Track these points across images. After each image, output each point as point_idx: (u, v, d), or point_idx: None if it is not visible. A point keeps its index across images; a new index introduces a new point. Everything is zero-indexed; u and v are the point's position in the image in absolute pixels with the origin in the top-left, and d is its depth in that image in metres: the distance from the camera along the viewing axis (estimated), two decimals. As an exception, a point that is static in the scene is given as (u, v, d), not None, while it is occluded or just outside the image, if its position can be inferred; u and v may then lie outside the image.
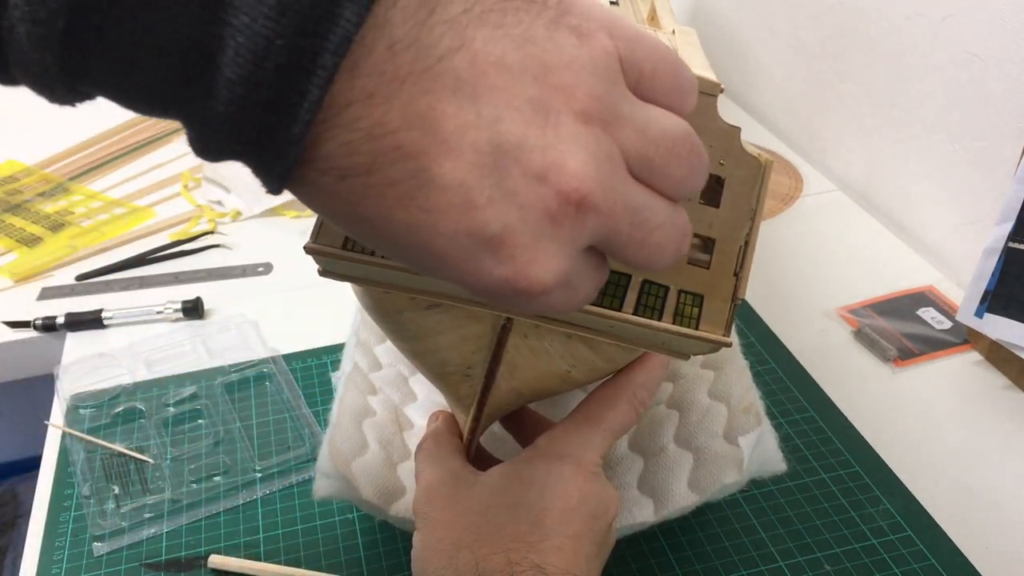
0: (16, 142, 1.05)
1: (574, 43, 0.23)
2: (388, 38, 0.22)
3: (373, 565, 0.53)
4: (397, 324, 0.42)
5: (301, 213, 0.89)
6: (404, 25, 0.22)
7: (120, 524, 0.56)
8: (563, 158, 0.23)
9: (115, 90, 0.23)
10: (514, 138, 0.23)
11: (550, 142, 0.23)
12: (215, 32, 0.21)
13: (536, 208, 0.23)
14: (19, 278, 0.81)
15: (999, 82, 0.70)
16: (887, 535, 0.54)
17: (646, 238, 0.26)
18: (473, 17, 0.22)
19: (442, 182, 0.22)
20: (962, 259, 0.78)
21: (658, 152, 0.25)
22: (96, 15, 0.21)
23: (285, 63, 0.21)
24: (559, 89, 0.23)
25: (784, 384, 0.66)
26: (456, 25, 0.22)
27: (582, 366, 0.42)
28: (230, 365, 0.69)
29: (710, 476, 0.48)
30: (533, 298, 0.24)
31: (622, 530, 0.49)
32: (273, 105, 0.21)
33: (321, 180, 0.23)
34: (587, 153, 0.23)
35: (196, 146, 0.24)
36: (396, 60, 0.22)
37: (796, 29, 0.97)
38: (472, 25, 0.22)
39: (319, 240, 0.37)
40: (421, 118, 0.22)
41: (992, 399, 0.65)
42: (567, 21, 0.24)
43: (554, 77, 0.23)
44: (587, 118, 0.23)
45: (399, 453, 0.51)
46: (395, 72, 0.22)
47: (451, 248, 0.23)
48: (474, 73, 0.22)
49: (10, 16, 0.21)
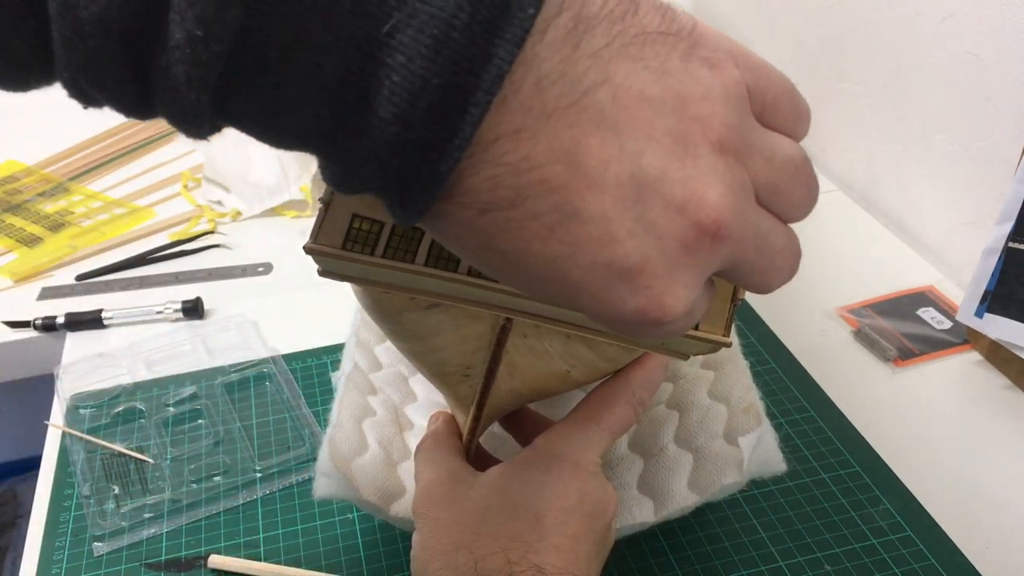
0: (16, 142, 1.05)
1: (707, 74, 0.24)
2: (536, 73, 0.22)
3: (373, 565, 0.53)
4: (397, 324, 0.42)
5: (301, 213, 0.89)
6: (551, 60, 0.22)
7: (120, 524, 0.56)
8: (703, 190, 0.23)
9: (261, 127, 0.24)
10: (655, 171, 0.23)
11: (690, 174, 0.23)
12: (370, 71, 0.21)
13: (674, 239, 0.24)
14: (19, 278, 0.81)
15: (999, 82, 0.70)
16: (887, 535, 0.54)
17: (768, 263, 0.26)
18: (615, 51, 0.23)
19: (585, 215, 0.23)
20: (962, 259, 0.78)
21: (782, 178, 0.26)
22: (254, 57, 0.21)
23: (439, 101, 0.21)
24: (696, 120, 0.23)
25: (784, 384, 0.66)
26: (599, 59, 0.22)
27: (582, 366, 0.42)
28: (230, 365, 0.69)
29: (710, 476, 0.48)
30: (662, 327, 0.25)
31: (622, 530, 0.48)
32: (424, 142, 0.22)
33: (461, 214, 0.23)
34: (724, 184, 0.24)
35: (334, 179, 0.24)
36: (543, 95, 0.22)
37: (796, 29, 0.97)
38: (614, 59, 0.23)
39: (319, 240, 0.37)
40: (566, 152, 0.22)
41: (992, 399, 0.65)
42: (699, 52, 0.24)
43: (691, 108, 0.23)
44: (722, 148, 0.24)
45: (399, 453, 0.51)
46: (542, 107, 0.22)
47: (587, 279, 0.24)
48: (617, 107, 0.23)
49: (169, 57, 0.21)
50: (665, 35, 0.24)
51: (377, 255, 0.37)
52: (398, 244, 0.37)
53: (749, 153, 0.25)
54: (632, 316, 0.24)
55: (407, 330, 0.42)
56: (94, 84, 0.22)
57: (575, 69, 0.22)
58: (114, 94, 0.23)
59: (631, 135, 0.23)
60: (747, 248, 0.25)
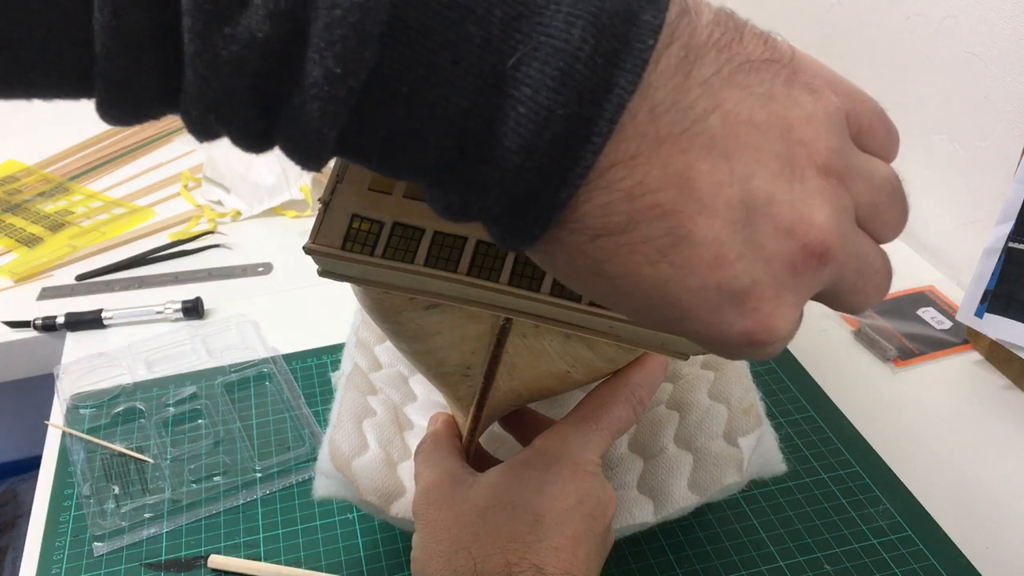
0: (16, 142, 1.05)
1: (809, 99, 0.24)
2: (650, 101, 0.22)
3: (373, 565, 0.53)
4: (396, 324, 0.42)
5: (301, 213, 0.89)
6: (664, 88, 0.22)
7: (120, 524, 0.56)
8: (811, 212, 0.24)
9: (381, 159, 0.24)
10: (764, 194, 0.23)
11: (797, 196, 0.24)
12: (495, 103, 0.22)
13: (782, 261, 0.24)
14: (19, 278, 0.81)
15: (999, 82, 0.70)
16: (887, 535, 0.54)
17: (866, 284, 0.27)
18: (723, 78, 0.23)
19: (696, 239, 0.23)
20: (962, 259, 0.78)
21: (881, 200, 0.26)
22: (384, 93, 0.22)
23: (563, 131, 0.22)
24: (802, 144, 0.24)
25: (784, 384, 0.66)
26: (709, 87, 0.23)
27: (581, 366, 0.42)
28: (230, 365, 0.69)
29: (710, 477, 0.48)
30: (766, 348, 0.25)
31: (622, 530, 0.48)
32: (547, 171, 0.22)
33: (572, 240, 0.23)
34: (830, 207, 0.24)
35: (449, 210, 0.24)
36: (657, 123, 0.22)
37: (796, 29, 0.97)
38: (723, 86, 0.23)
39: (318, 240, 0.37)
40: (679, 177, 0.23)
41: (992, 399, 0.65)
42: (800, 78, 0.25)
43: (796, 133, 0.24)
44: (827, 172, 0.24)
45: (399, 453, 0.51)
46: (656, 134, 0.22)
47: (696, 302, 0.24)
48: (727, 132, 0.23)
49: (304, 94, 0.22)
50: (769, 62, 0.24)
51: (376, 255, 0.37)
52: (397, 244, 0.37)
53: (851, 176, 0.25)
54: (738, 338, 0.25)
55: (406, 330, 0.42)
56: (222, 121, 0.23)
57: (687, 97, 0.23)
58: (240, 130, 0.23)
59: (741, 159, 0.23)
60: (848, 269, 0.26)
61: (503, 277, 0.37)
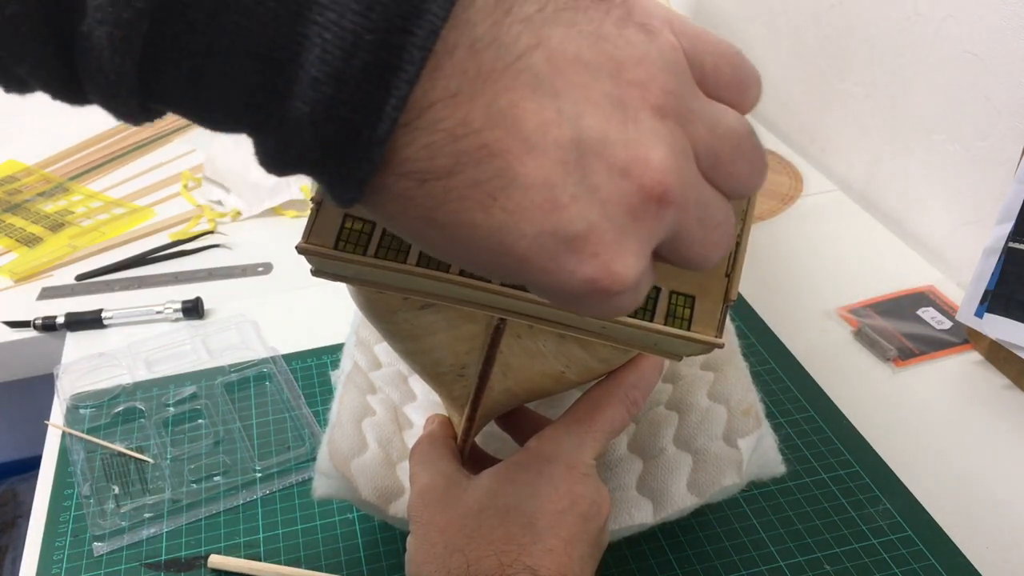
0: (16, 142, 1.05)
1: (643, 39, 0.23)
2: (469, 36, 0.22)
3: (373, 565, 0.53)
4: (391, 324, 0.42)
5: (301, 213, 0.89)
6: (483, 24, 0.22)
7: (120, 524, 0.56)
8: (646, 152, 0.23)
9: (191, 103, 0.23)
10: (596, 133, 0.22)
11: (631, 137, 0.23)
12: (300, 31, 0.21)
13: (619, 204, 0.23)
14: (19, 278, 0.81)
15: (999, 82, 0.70)
16: (887, 535, 0.54)
17: (707, 236, 0.26)
18: (547, 16, 0.22)
19: (526, 181, 0.22)
20: (962, 259, 0.78)
21: (724, 149, 0.25)
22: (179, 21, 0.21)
23: (372, 59, 0.21)
24: (634, 85, 0.23)
25: (784, 384, 0.66)
26: (532, 24, 0.22)
27: (576, 366, 0.42)
28: (230, 365, 0.69)
29: (709, 478, 0.48)
30: (612, 297, 0.24)
31: (621, 531, 0.48)
32: (359, 104, 0.21)
33: (398, 185, 0.23)
34: (667, 148, 0.23)
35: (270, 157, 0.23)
36: (477, 59, 0.22)
37: (796, 29, 0.97)
38: (547, 24, 0.22)
39: (311, 240, 0.37)
40: (503, 116, 0.22)
41: (992, 399, 0.65)
42: (634, 18, 0.24)
43: (628, 73, 0.23)
44: (662, 113, 0.23)
45: (398, 453, 0.51)
46: (477, 71, 0.22)
47: (533, 249, 0.23)
48: (552, 70, 0.22)
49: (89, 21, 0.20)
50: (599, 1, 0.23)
51: (369, 255, 0.37)
52: (390, 244, 0.37)
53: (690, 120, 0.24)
54: (580, 287, 0.23)
55: (401, 330, 0.42)
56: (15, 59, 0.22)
57: (508, 33, 0.22)
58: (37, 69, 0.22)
59: (569, 98, 0.22)
60: (689, 217, 0.24)
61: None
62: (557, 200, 0.22)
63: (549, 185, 0.22)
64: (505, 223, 0.23)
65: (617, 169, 0.23)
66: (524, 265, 0.23)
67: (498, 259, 0.23)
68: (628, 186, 0.23)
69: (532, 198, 0.22)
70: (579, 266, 0.23)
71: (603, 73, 0.23)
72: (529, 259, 0.23)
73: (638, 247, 0.24)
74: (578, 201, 0.23)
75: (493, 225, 0.23)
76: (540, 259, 0.23)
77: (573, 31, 0.23)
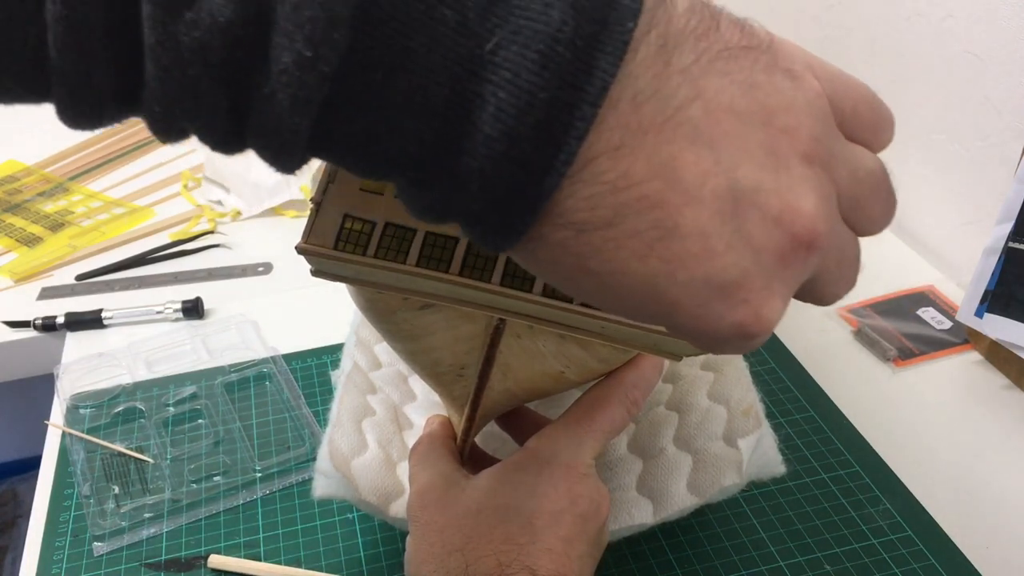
0: (16, 142, 1.05)
1: (790, 86, 0.24)
2: (632, 90, 0.22)
3: (373, 565, 0.53)
4: (391, 324, 0.42)
5: (301, 213, 0.89)
6: (644, 77, 0.22)
7: (120, 524, 0.56)
8: (798, 200, 0.23)
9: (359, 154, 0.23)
10: (751, 183, 0.23)
11: (783, 185, 0.23)
12: (474, 89, 0.21)
13: (770, 251, 0.23)
14: (19, 278, 0.81)
15: (999, 82, 0.70)
16: (887, 535, 0.54)
17: (842, 274, 0.26)
18: (704, 66, 0.23)
19: (683, 231, 0.22)
20: (962, 259, 0.78)
21: (863, 192, 0.26)
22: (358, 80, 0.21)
23: (545, 117, 0.21)
24: (784, 132, 0.23)
25: (784, 384, 0.66)
26: (690, 75, 0.22)
27: (575, 367, 0.42)
28: (230, 365, 0.69)
29: (709, 478, 0.48)
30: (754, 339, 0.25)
31: (621, 531, 0.48)
32: (529, 160, 0.22)
33: (556, 235, 0.23)
34: (816, 195, 0.24)
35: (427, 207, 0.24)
36: (639, 112, 0.22)
37: (796, 29, 0.97)
38: (704, 74, 0.23)
39: (310, 240, 0.37)
40: (664, 168, 0.22)
41: (992, 399, 0.65)
42: (780, 64, 0.24)
43: (778, 120, 0.23)
44: (810, 159, 0.24)
45: (398, 453, 0.51)
46: (639, 124, 0.22)
47: (685, 296, 0.23)
48: (710, 121, 0.23)
49: (274, 83, 0.21)
50: (747, 49, 0.24)
51: (369, 255, 0.37)
52: (389, 244, 0.37)
53: (833, 165, 0.25)
54: (729, 331, 0.24)
55: (401, 330, 0.42)
56: (187, 116, 0.22)
57: (668, 85, 0.22)
58: (207, 125, 0.23)
59: (725, 148, 0.23)
60: (830, 259, 0.25)
61: (495, 277, 0.37)
62: (713, 248, 0.23)
63: (706, 234, 0.23)
64: (660, 271, 0.23)
65: (771, 218, 0.23)
66: (673, 311, 0.24)
67: (647, 305, 0.24)
68: (780, 234, 0.23)
69: (689, 247, 0.23)
70: (729, 312, 0.24)
71: (755, 121, 0.23)
72: (680, 305, 0.24)
73: (785, 291, 0.24)
74: (733, 249, 0.23)
75: (648, 273, 0.23)
76: (691, 305, 0.24)
77: (727, 81, 0.23)
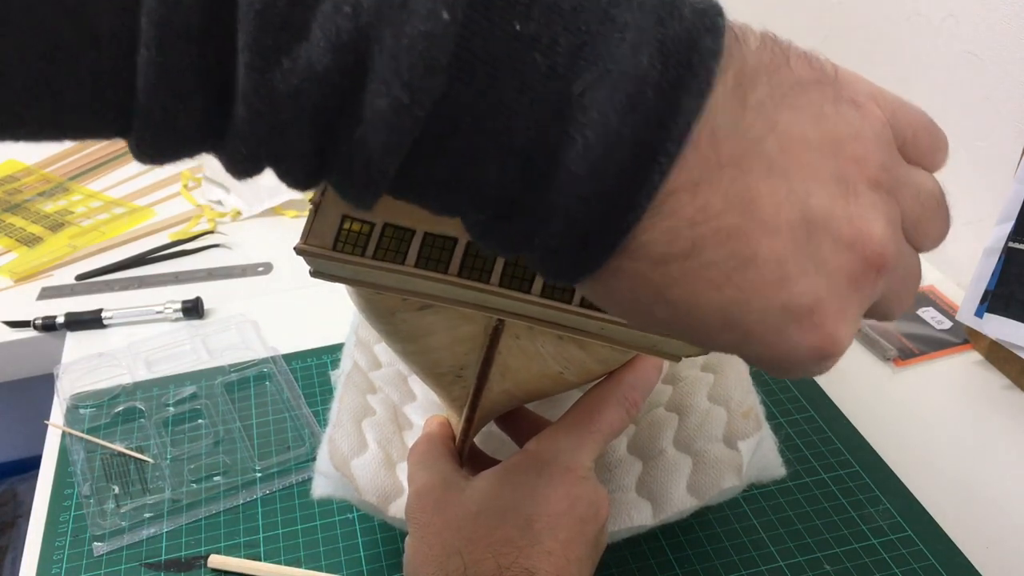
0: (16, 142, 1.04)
1: (856, 115, 0.25)
2: (710, 126, 0.22)
3: (373, 565, 0.53)
4: (390, 325, 0.42)
5: (301, 213, 0.89)
6: (722, 113, 0.23)
7: (120, 524, 0.56)
8: (868, 226, 0.24)
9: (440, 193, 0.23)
10: (823, 211, 0.24)
11: (854, 212, 0.24)
12: (561, 129, 0.22)
13: (843, 276, 0.24)
14: (19, 278, 0.81)
15: (999, 82, 0.70)
16: (887, 535, 0.54)
17: (905, 290, 0.27)
18: (777, 101, 0.24)
19: (760, 260, 0.23)
20: (962, 259, 0.78)
21: (925, 213, 0.27)
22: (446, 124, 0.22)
23: (630, 155, 0.22)
24: (853, 161, 0.24)
25: (784, 384, 0.66)
26: (764, 109, 0.23)
27: (574, 368, 0.42)
28: (230, 365, 0.69)
29: (709, 480, 0.48)
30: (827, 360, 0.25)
31: (620, 533, 0.48)
32: (613, 197, 0.22)
33: (632, 267, 0.23)
34: (884, 220, 0.25)
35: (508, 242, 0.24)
36: (718, 148, 0.23)
37: (796, 29, 0.97)
38: (777, 108, 0.23)
39: (309, 241, 0.37)
40: (740, 200, 0.23)
41: (992, 399, 0.65)
42: (845, 95, 0.25)
43: (847, 150, 0.24)
44: (877, 185, 0.25)
45: (398, 453, 0.51)
46: (717, 159, 0.23)
47: (759, 324, 0.24)
48: (783, 153, 0.23)
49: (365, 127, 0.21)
50: (816, 82, 0.25)
51: (367, 256, 0.37)
52: (388, 245, 0.37)
53: (898, 190, 0.26)
54: (804, 355, 0.25)
55: (400, 331, 0.42)
56: (273, 157, 0.22)
57: (743, 121, 0.23)
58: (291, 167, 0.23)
59: (798, 178, 0.23)
60: (896, 280, 0.26)
61: (493, 278, 0.37)
62: (788, 276, 0.23)
63: (781, 263, 0.23)
64: (735, 300, 0.24)
65: (843, 244, 0.24)
66: (748, 338, 0.24)
67: (722, 334, 0.25)
68: (852, 259, 0.24)
69: (765, 276, 0.23)
70: (803, 337, 0.24)
71: (825, 151, 0.24)
72: (754, 333, 0.24)
73: (856, 313, 0.25)
74: (807, 276, 0.24)
75: (724, 302, 0.24)
76: (766, 333, 0.24)
77: (798, 113, 0.24)
